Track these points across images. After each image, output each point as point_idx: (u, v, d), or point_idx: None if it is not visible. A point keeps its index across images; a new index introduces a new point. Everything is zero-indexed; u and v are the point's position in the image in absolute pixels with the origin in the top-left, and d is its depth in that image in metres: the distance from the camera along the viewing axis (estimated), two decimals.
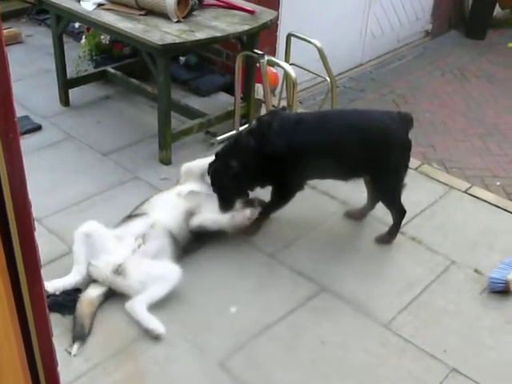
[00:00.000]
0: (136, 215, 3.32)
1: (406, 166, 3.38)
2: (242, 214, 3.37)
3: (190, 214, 3.35)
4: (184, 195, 3.41)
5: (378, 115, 3.45)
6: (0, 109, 1.13)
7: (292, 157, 3.25)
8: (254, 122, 3.45)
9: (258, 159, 3.28)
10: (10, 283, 1.29)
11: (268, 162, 3.28)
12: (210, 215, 3.38)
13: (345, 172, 3.42)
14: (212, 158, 3.44)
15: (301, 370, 2.74)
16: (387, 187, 3.42)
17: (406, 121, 3.34)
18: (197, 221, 3.34)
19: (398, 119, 3.31)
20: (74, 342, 2.79)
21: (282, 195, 3.43)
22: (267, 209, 3.51)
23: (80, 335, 2.81)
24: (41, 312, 1.40)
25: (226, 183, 3.33)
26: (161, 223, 3.22)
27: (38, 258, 1.37)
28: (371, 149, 3.24)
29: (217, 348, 2.82)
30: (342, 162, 3.31)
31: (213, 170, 3.39)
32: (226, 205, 3.36)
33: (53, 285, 2.97)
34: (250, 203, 3.48)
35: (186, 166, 3.66)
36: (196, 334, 2.88)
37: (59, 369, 2.49)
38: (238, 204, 3.44)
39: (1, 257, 1.25)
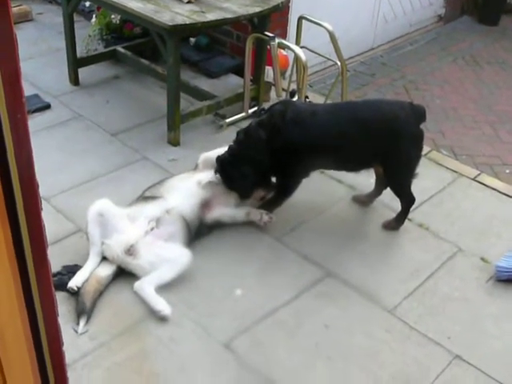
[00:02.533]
0: (152, 197, 3.31)
1: (418, 157, 3.38)
2: (258, 214, 3.38)
3: (205, 204, 3.35)
4: (203, 185, 3.39)
5: (387, 105, 3.44)
6: (8, 89, 1.12)
7: (306, 147, 3.24)
8: (263, 112, 3.41)
9: (269, 152, 3.27)
10: (17, 263, 1.30)
11: (280, 152, 3.27)
12: (227, 211, 3.40)
13: (356, 162, 3.43)
14: (225, 148, 3.44)
15: (304, 353, 2.76)
16: (397, 177, 3.41)
17: (418, 112, 3.33)
18: (214, 215, 3.36)
19: (408, 110, 3.30)
20: (78, 319, 2.81)
21: (290, 185, 3.43)
22: (276, 201, 3.51)
23: (81, 311, 2.82)
24: (47, 292, 1.42)
25: (238, 185, 3.38)
26: (177, 210, 3.21)
27: (45, 239, 1.38)
28: (381, 139, 3.24)
29: (222, 329, 2.83)
30: (353, 152, 3.32)
31: (223, 173, 3.38)
32: (242, 196, 3.44)
33: (76, 281, 2.94)
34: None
35: (205, 156, 3.61)
36: (201, 316, 2.89)
37: (64, 348, 2.52)
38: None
39: (8, 237, 1.25)
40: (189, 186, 3.37)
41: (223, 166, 3.37)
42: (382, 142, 3.25)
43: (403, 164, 3.35)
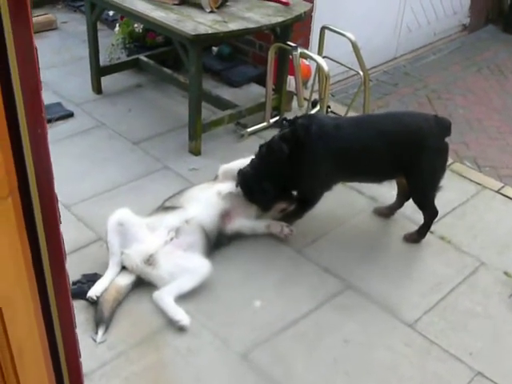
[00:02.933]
0: (172, 207, 3.31)
1: (443, 170, 3.35)
2: (278, 227, 3.38)
3: (224, 214, 3.34)
4: (223, 195, 3.38)
5: (410, 118, 3.43)
6: (29, 104, 1.12)
7: (330, 162, 3.23)
8: (287, 123, 3.40)
9: (292, 166, 3.26)
10: (35, 276, 1.30)
11: (302, 167, 3.26)
12: (248, 222, 3.40)
13: (380, 175, 3.41)
14: (247, 160, 3.44)
15: (323, 368, 2.73)
16: (421, 189, 3.38)
17: (443, 125, 3.30)
18: (235, 226, 3.35)
19: (432, 122, 3.28)
20: (96, 328, 2.81)
21: (312, 198, 3.42)
22: (298, 212, 3.49)
23: (99, 320, 2.83)
24: (65, 304, 1.42)
25: (258, 199, 3.38)
26: (196, 220, 3.21)
27: (63, 251, 1.37)
28: (404, 151, 3.22)
29: (240, 341, 2.82)
30: (376, 165, 3.31)
31: (244, 187, 3.38)
32: (263, 209, 3.44)
33: (96, 290, 2.94)
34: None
35: (224, 167, 3.59)
36: (220, 327, 2.88)
37: (82, 358, 2.52)
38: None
39: (26, 249, 1.25)
40: (209, 197, 3.36)
41: (244, 179, 3.36)
42: (406, 154, 3.23)
43: (427, 176, 3.32)
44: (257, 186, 3.32)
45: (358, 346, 2.85)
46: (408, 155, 3.23)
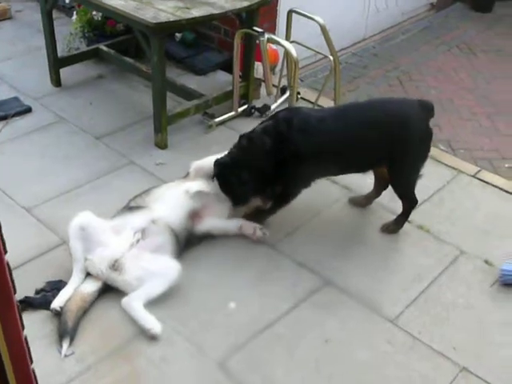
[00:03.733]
0: (137, 207, 3.15)
1: (426, 156, 3.25)
2: (251, 229, 3.22)
3: (194, 214, 3.19)
4: (192, 194, 3.22)
5: (397, 106, 3.28)
6: None
7: (314, 156, 3.09)
8: (267, 119, 3.25)
9: (273, 160, 3.11)
10: None
11: (285, 162, 3.11)
12: (218, 223, 3.24)
13: (363, 166, 3.28)
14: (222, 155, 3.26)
15: (304, 371, 2.61)
16: (404, 177, 3.27)
17: (427, 109, 3.20)
18: (204, 227, 3.20)
19: (417, 108, 3.17)
20: (60, 341, 2.64)
21: (291, 194, 3.27)
22: (273, 208, 3.34)
23: (63, 332, 2.66)
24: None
25: (235, 191, 3.21)
26: (164, 220, 3.05)
27: (11, 284, 1.20)
28: (392, 141, 3.11)
29: (216, 347, 2.68)
30: (362, 156, 3.19)
31: (221, 178, 3.22)
32: (237, 203, 3.27)
33: (59, 301, 2.77)
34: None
35: (197, 164, 3.44)
36: (194, 332, 2.74)
37: (49, 372, 2.37)
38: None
39: None
40: (176, 196, 3.20)
41: (222, 170, 3.20)
42: (393, 142, 3.12)
43: (411, 164, 3.22)
44: (235, 177, 3.15)
45: (339, 345, 2.73)
46: (395, 143, 3.11)
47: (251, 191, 3.23)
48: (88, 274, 2.91)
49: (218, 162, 3.21)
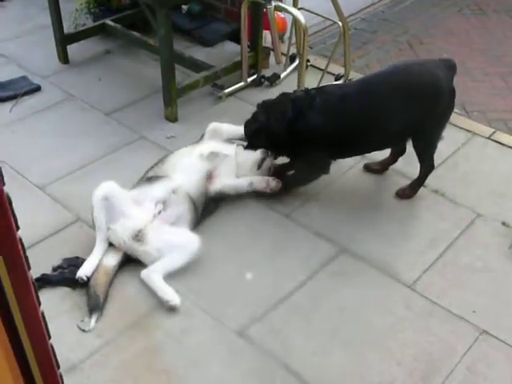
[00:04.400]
0: (155, 177, 3.14)
1: (450, 116, 3.21)
2: (263, 182, 3.22)
3: (209, 176, 3.19)
4: (206, 156, 3.22)
5: (422, 67, 3.20)
6: None
7: (330, 138, 3.07)
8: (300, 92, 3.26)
9: (288, 130, 3.09)
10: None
11: (297, 137, 3.09)
12: (230, 181, 3.24)
13: (390, 140, 3.26)
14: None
15: (322, 339, 2.61)
16: (429, 140, 3.22)
17: (450, 67, 3.15)
18: (217, 187, 3.20)
19: (442, 67, 3.12)
20: (90, 314, 2.66)
21: (306, 173, 3.29)
22: (288, 184, 3.33)
23: (95, 306, 2.68)
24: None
25: (250, 133, 3.21)
26: (183, 189, 3.05)
27: (24, 260, 1.19)
28: (422, 105, 3.04)
29: (234, 318, 2.69)
30: (389, 131, 3.12)
31: (250, 119, 3.25)
32: (250, 147, 3.28)
33: (86, 270, 2.80)
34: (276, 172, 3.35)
35: (214, 126, 3.47)
36: (212, 304, 2.75)
37: (70, 347, 2.39)
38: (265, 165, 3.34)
39: None
40: (192, 161, 3.21)
41: (265, 104, 3.23)
42: (424, 106, 3.04)
43: (437, 126, 3.17)
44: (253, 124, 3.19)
45: (356, 312, 2.73)
46: (426, 107, 3.05)
47: (260, 144, 3.24)
48: (110, 246, 2.92)
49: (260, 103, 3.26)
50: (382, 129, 3.09)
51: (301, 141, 3.10)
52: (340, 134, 3.07)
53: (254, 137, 3.22)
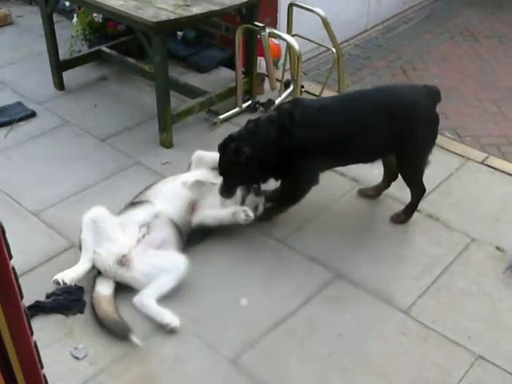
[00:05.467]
0: (139, 202, 3.16)
1: (433, 142, 3.21)
2: (242, 213, 3.13)
3: (192, 205, 3.19)
4: (189, 185, 3.22)
5: (403, 91, 3.27)
6: None
7: (317, 148, 3.06)
8: (273, 111, 3.22)
9: (277, 151, 3.07)
10: None
11: (288, 155, 3.07)
12: (210, 212, 3.21)
13: (370, 155, 3.25)
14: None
15: (318, 364, 2.60)
16: (412, 165, 3.24)
17: (433, 94, 3.17)
18: (198, 218, 3.19)
19: (424, 93, 3.14)
20: (126, 339, 2.64)
21: (300, 190, 3.24)
22: (282, 205, 3.32)
23: (125, 329, 2.67)
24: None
25: (235, 168, 3.12)
26: (165, 213, 3.06)
27: (17, 289, 1.19)
28: (399, 126, 3.07)
29: (229, 344, 2.67)
30: (368, 145, 3.14)
31: (223, 150, 3.16)
32: (227, 190, 3.17)
33: (67, 276, 2.80)
34: (257, 194, 3.31)
35: (199, 154, 3.46)
36: (206, 331, 2.73)
37: (64, 374, 2.36)
38: (245, 194, 3.28)
39: None
40: (174, 188, 3.21)
41: (226, 142, 3.16)
42: (401, 129, 3.07)
43: (419, 151, 3.18)
44: (236, 147, 3.08)
45: (352, 338, 2.72)
46: (403, 130, 3.07)
47: (248, 173, 3.15)
48: (99, 274, 2.91)
49: (221, 143, 3.19)
50: (361, 142, 3.10)
51: (290, 157, 3.08)
52: (324, 144, 3.06)
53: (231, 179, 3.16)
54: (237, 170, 3.12)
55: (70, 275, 2.82)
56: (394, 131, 3.07)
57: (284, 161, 3.09)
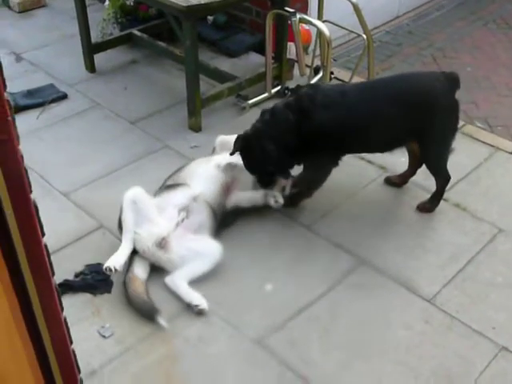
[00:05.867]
0: (175, 185, 3.18)
1: (455, 129, 3.19)
2: (272, 199, 3.21)
3: (226, 187, 3.22)
4: (222, 167, 3.23)
5: (421, 78, 3.26)
6: None
7: (336, 132, 3.06)
8: (288, 92, 3.22)
9: (298, 135, 3.07)
10: (16, 296, 1.16)
11: (310, 138, 3.07)
12: (245, 194, 3.26)
13: (391, 142, 3.23)
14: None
15: (340, 351, 2.62)
16: (434, 152, 3.23)
17: (452, 80, 3.13)
18: (233, 200, 3.23)
19: (442, 79, 3.11)
20: (153, 319, 2.69)
21: (320, 175, 3.25)
22: (306, 190, 3.32)
23: (153, 310, 2.72)
24: (55, 322, 1.28)
25: (260, 165, 3.16)
26: (203, 196, 3.09)
27: (49, 266, 1.23)
28: (417, 113, 3.06)
29: (253, 327, 2.71)
30: (389, 131, 3.14)
31: (246, 153, 3.16)
32: (262, 182, 3.24)
33: (117, 262, 2.83)
34: (285, 177, 3.31)
35: (222, 139, 3.49)
36: (231, 313, 2.77)
37: (90, 353, 2.42)
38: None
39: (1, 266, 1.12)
40: (209, 171, 3.23)
41: (246, 143, 3.15)
42: (419, 116, 3.07)
43: (440, 138, 3.16)
44: (260, 149, 3.09)
45: (375, 325, 2.73)
46: (422, 117, 3.07)
47: (277, 164, 3.16)
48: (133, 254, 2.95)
49: (240, 137, 3.17)
50: (381, 129, 3.10)
51: (310, 140, 3.07)
52: (343, 129, 3.06)
53: (268, 159, 3.13)
54: (266, 167, 3.16)
55: (119, 260, 2.85)
56: (412, 119, 3.07)
57: (304, 143, 3.09)
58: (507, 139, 4.05)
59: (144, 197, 3.02)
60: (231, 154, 3.20)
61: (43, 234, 1.20)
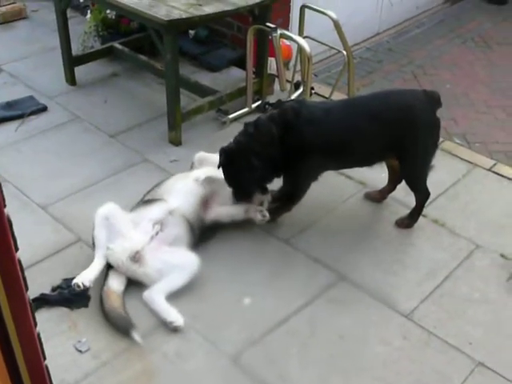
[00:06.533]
0: (152, 200, 3.17)
1: (435, 147, 3.22)
2: (256, 211, 3.21)
3: (205, 201, 3.21)
4: (201, 181, 3.23)
5: (400, 95, 3.28)
6: None
7: (321, 147, 3.07)
8: (270, 107, 3.23)
9: (281, 149, 3.07)
10: None
11: (292, 151, 3.08)
12: (224, 209, 3.25)
13: (372, 158, 3.26)
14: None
15: (319, 366, 2.61)
16: (414, 169, 3.25)
17: (433, 99, 3.17)
18: (212, 215, 3.22)
19: (422, 98, 3.14)
20: (128, 334, 2.66)
21: (301, 188, 3.25)
22: (287, 205, 3.32)
23: (129, 325, 2.69)
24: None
25: (243, 180, 3.15)
26: (179, 210, 3.08)
27: (22, 281, 1.21)
28: (397, 130, 3.09)
29: (230, 342, 2.69)
30: (370, 147, 3.17)
31: (227, 166, 3.15)
32: (241, 197, 3.23)
33: (86, 278, 2.82)
34: (263, 192, 3.31)
35: (200, 155, 3.49)
36: (209, 328, 2.75)
37: (66, 367, 2.39)
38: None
39: None
40: (187, 185, 3.22)
41: (229, 157, 3.13)
42: (399, 133, 3.10)
43: (420, 155, 3.19)
44: (244, 164, 3.08)
45: (353, 341, 2.73)
46: (401, 134, 3.10)
47: (260, 179, 3.17)
48: (110, 268, 2.93)
49: (223, 150, 3.15)
50: (361, 145, 3.13)
51: (291, 153, 3.08)
52: (325, 145, 3.07)
53: (251, 174, 3.13)
54: (248, 182, 3.16)
55: (89, 276, 2.83)
56: (392, 135, 3.10)
57: (286, 157, 3.09)
58: (485, 156, 4.09)
59: (117, 212, 3.01)
60: (218, 167, 3.18)
61: (17, 249, 1.18)
